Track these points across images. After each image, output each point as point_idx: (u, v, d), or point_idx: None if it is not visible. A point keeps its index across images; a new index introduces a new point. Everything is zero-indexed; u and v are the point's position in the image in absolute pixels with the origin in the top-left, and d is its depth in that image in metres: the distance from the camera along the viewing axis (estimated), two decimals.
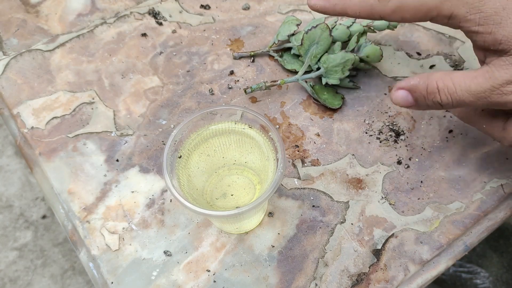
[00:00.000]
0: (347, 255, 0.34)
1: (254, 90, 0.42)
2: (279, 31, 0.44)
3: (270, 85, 0.42)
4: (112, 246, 0.35)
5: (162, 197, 0.37)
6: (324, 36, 0.40)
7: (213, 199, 0.33)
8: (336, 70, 0.40)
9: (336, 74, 0.41)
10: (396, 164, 0.39)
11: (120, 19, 0.48)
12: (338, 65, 0.40)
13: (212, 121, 0.32)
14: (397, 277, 0.34)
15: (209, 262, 0.34)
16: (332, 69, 0.40)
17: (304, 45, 0.41)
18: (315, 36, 0.41)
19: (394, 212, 0.36)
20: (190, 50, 0.46)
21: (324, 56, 0.41)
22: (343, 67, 0.40)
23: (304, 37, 0.41)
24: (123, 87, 0.43)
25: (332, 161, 0.39)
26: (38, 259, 1.05)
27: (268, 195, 0.28)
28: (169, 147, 0.30)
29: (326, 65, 0.41)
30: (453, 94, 0.29)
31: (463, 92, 0.29)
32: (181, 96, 0.43)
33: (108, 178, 0.38)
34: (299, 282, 0.33)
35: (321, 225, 0.36)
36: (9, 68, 0.44)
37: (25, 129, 0.41)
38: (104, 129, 0.41)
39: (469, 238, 0.35)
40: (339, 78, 0.41)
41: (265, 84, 0.42)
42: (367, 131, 0.41)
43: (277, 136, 0.30)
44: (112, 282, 0.33)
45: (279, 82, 0.42)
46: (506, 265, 0.72)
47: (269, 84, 0.42)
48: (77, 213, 0.36)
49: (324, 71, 0.41)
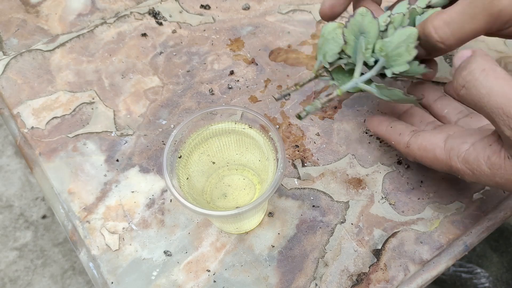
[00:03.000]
0: (347, 255, 0.34)
1: (309, 112, 0.35)
2: (325, 50, 0.35)
3: (326, 101, 0.34)
4: (112, 246, 0.35)
5: (162, 197, 0.37)
6: (368, 21, 0.33)
7: (213, 199, 0.33)
8: (399, 53, 0.32)
9: (401, 57, 0.32)
10: (396, 164, 0.39)
11: (120, 19, 0.48)
12: (399, 45, 0.32)
13: (212, 121, 0.32)
14: (397, 277, 0.34)
15: (209, 262, 0.34)
16: (394, 54, 0.32)
17: (349, 42, 0.34)
18: (358, 25, 0.33)
19: (394, 212, 0.36)
20: (190, 50, 0.46)
21: (378, 43, 0.33)
22: (407, 46, 0.32)
23: (345, 31, 0.34)
24: (123, 87, 0.43)
25: (332, 161, 0.39)
26: (38, 259, 1.05)
27: (268, 195, 0.28)
28: (169, 147, 0.30)
29: (384, 52, 0.33)
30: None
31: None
32: (181, 96, 0.43)
33: (108, 178, 0.38)
34: (299, 282, 0.33)
35: (321, 225, 0.36)
36: (9, 68, 0.44)
37: (25, 129, 0.41)
38: (104, 129, 0.41)
39: (469, 238, 0.35)
40: (407, 62, 0.32)
41: (320, 101, 0.34)
42: (367, 131, 0.41)
43: (277, 136, 0.30)
44: (112, 282, 0.33)
45: (336, 93, 0.34)
46: (506, 265, 0.72)
47: (324, 101, 0.34)
48: (77, 213, 0.36)
49: (384, 61, 0.33)
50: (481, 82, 0.26)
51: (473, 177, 0.29)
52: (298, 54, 0.46)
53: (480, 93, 0.26)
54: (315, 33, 0.48)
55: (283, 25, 0.48)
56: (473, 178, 0.29)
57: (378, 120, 0.36)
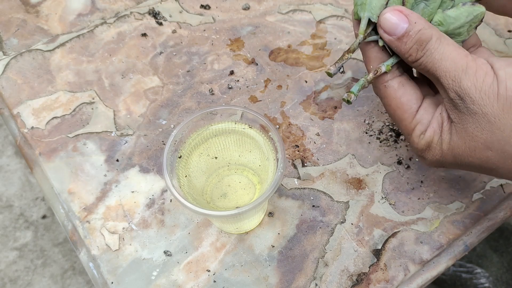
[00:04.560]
0: (347, 255, 0.34)
1: (357, 94, 0.31)
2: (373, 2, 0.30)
3: (372, 78, 0.31)
4: (112, 246, 0.35)
5: (162, 197, 0.37)
6: None
7: (213, 199, 0.33)
8: (460, 32, 0.30)
9: (460, 36, 0.30)
10: (396, 164, 0.39)
11: (120, 19, 0.48)
12: (463, 24, 0.29)
13: (212, 121, 0.32)
14: (397, 277, 0.34)
15: (209, 262, 0.34)
16: (455, 32, 0.30)
17: (407, 6, 0.30)
18: None
19: (394, 212, 0.36)
20: (190, 50, 0.46)
21: (439, 15, 0.30)
22: (469, 26, 0.30)
23: None
24: (123, 87, 0.43)
25: (332, 161, 0.39)
26: (38, 259, 1.05)
27: (268, 195, 0.28)
28: (169, 147, 0.30)
29: (445, 28, 0.30)
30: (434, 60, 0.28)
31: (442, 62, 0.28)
32: (181, 96, 0.43)
33: (108, 178, 0.38)
34: (299, 282, 0.33)
35: (321, 225, 0.36)
36: (9, 68, 0.44)
37: (25, 129, 0.41)
38: (104, 129, 0.41)
39: (469, 238, 0.35)
40: (462, 41, 0.31)
41: (366, 79, 0.31)
42: (367, 131, 0.41)
43: (277, 136, 0.30)
44: (112, 282, 0.33)
45: (385, 69, 0.30)
46: (506, 265, 0.72)
47: (371, 78, 0.31)
48: (77, 213, 0.36)
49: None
50: (436, 49, 0.28)
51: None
52: (298, 54, 0.46)
53: (434, 58, 0.28)
54: (315, 33, 0.48)
55: (283, 25, 0.48)
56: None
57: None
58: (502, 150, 0.26)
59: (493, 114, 0.26)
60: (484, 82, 0.26)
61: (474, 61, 0.27)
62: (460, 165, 0.29)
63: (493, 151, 0.27)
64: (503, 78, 0.26)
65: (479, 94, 0.26)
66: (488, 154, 0.27)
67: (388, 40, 0.29)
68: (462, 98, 0.27)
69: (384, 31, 0.29)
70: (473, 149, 0.27)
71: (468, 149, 0.28)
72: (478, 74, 0.26)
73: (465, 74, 0.27)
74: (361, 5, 0.30)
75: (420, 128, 0.30)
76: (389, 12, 0.29)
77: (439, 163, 0.30)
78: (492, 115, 0.26)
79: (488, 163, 0.28)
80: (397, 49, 0.29)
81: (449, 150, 0.29)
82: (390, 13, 0.29)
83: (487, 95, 0.26)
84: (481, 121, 0.26)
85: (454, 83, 0.27)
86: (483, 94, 0.26)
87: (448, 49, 0.28)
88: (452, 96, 0.27)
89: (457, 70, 0.27)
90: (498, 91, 0.26)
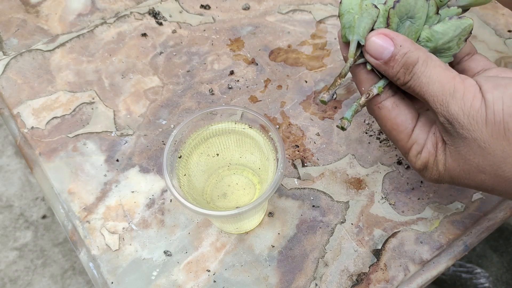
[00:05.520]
0: (347, 255, 0.34)
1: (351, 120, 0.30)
2: (361, 25, 0.29)
3: (365, 102, 0.30)
4: (112, 246, 0.35)
5: (162, 197, 0.37)
6: (421, 5, 0.28)
7: (213, 199, 0.33)
8: (449, 47, 0.29)
9: (450, 50, 0.30)
10: (396, 164, 0.39)
11: (120, 19, 0.48)
12: (452, 39, 0.29)
13: (212, 121, 0.32)
14: (397, 277, 0.34)
15: (209, 262, 0.34)
16: (444, 47, 0.29)
17: (392, 25, 0.29)
18: (409, 8, 0.28)
19: (394, 212, 0.36)
20: (190, 50, 0.46)
21: (426, 31, 0.29)
22: (458, 40, 0.29)
23: (391, 14, 0.28)
24: (123, 87, 0.43)
25: (332, 161, 0.39)
26: (38, 259, 1.05)
27: (268, 195, 0.28)
28: (169, 147, 0.30)
29: (434, 43, 0.29)
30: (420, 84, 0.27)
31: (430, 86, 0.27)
32: (181, 96, 0.43)
33: (108, 178, 0.38)
34: (299, 282, 0.33)
35: (321, 225, 0.36)
36: (9, 68, 0.44)
37: (25, 129, 0.41)
38: (104, 129, 0.41)
39: (469, 238, 0.35)
40: (453, 55, 0.30)
41: (359, 103, 0.30)
42: (367, 131, 0.41)
43: (277, 136, 0.30)
44: (112, 282, 0.33)
45: (377, 91, 0.29)
46: (506, 265, 0.72)
47: (363, 101, 0.30)
48: (77, 213, 0.36)
49: (431, 52, 0.29)
50: (423, 72, 0.27)
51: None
52: (298, 54, 0.46)
53: (422, 82, 0.27)
54: (315, 33, 0.48)
55: (283, 25, 0.48)
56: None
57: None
58: (495, 174, 0.26)
59: (483, 139, 0.25)
60: (472, 107, 0.25)
61: (462, 83, 0.26)
62: (458, 184, 0.29)
63: (486, 175, 0.27)
64: (491, 103, 0.25)
65: (467, 119, 0.25)
66: (482, 177, 0.27)
67: (376, 64, 0.29)
68: (451, 123, 0.26)
69: (370, 55, 0.29)
70: (467, 172, 0.27)
71: (462, 171, 0.27)
72: (466, 97, 0.26)
73: (453, 98, 0.26)
74: (349, 28, 0.30)
75: (417, 148, 0.29)
76: (374, 36, 0.28)
77: (438, 181, 0.30)
78: (482, 141, 0.25)
79: (484, 185, 0.27)
80: (385, 72, 0.29)
81: (445, 172, 0.28)
82: (375, 37, 0.28)
83: (475, 120, 0.25)
84: (472, 146, 0.26)
85: (442, 107, 0.26)
86: (471, 120, 0.25)
87: (435, 71, 0.27)
88: (442, 120, 0.27)
89: (444, 94, 0.26)
90: (486, 116, 0.25)
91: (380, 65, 0.28)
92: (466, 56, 0.31)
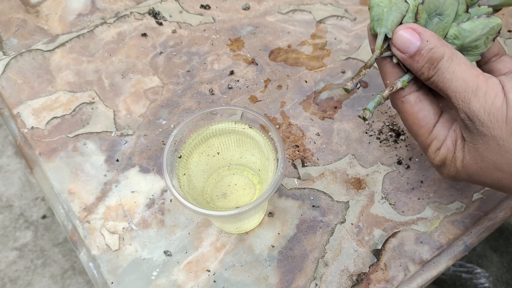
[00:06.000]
0: (347, 255, 0.34)
1: (373, 111, 0.31)
2: (390, 18, 0.29)
3: (388, 95, 0.31)
4: (112, 246, 0.35)
5: (162, 197, 0.37)
6: (450, 2, 0.29)
7: (213, 199, 0.33)
8: (477, 45, 0.30)
9: (477, 49, 0.30)
10: (396, 164, 0.39)
11: (120, 19, 0.48)
12: (479, 37, 0.29)
13: (212, 121, 0.32)
14: (397, 277, 0.34)
15: (209, 262, 0.34)
16: (471, 45, 0.30)
17: (420, 20, 0.29)
18: (438, 5, 0.29)
19: (394, 212, 0.36)
20: (190, 50, 0.46)
21: (454, 28, 0.30)
22: (486, 39, 0.29)
23: (420, 9, 0.29)
24: (123, 87, 0.43)
25: (332, 161, 0.39)
26: (38, 259, 1.05)
27: (268, 195, 0.28)
28: (169, 147, 0.30)
29: (461, 41, 0.30)
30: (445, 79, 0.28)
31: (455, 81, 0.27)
32: (181, 96, 0.43)
33: (108, 178, 0.38)
34: (299, 282, 0.33)
35: (321, 225, 0.36)
36: (9, 68, 0.44)
37: (25, 129, 0.41)
38: (104, 129, 0.41)
39: (469, 238, 0.35)
40: (480, 54, 0.30)
41: (382, 96, 0.31)
42: (367, 131, 0.41)
43: (277, 136, 0.30)
44: (112, 282, 0.33)
45: (401, 85, 0.30)
46: (506, 265, 0.72)
47: (387, 94, 0.31)
48: (77, 213, 0.36)
49: (458, 49, 0.30)
50: (447, 68, 0.27)
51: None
52: (298, 54, 0.46)
53: (445, 77, 0.27)
54: (315, 33, 0.48)
55: (283, 25, 0.48)
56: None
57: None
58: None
59: (502, 137, 0.26)
60: (493, 105, 0.26)
61: (486, 81, 0.27)
62: (475, 182, 0.29)
63: (503, 173, 0.27)
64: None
65: (488, 117, 0.26)
66: (498, 175, 0.27)
67: (401, 58, 0.29)
68: (472, 120, 0.27)
69: (397, 48, 0.29)
70: (484, 169, 0.27)
71: (480, 169, 0.28)
72: (488, 95, 0.26)
73: (475, 96, 0.26)
74: (378, 21, 0.30)
75: (436, 144, 0.30)
76: (402, 30, 0.29)
77: (455, 178, 0.30)
78: (501, 138, 0.26)
79: (500, 183, 0.28)
80: (410, 66, 0.29)
81: (463, 168, 0.29)
82: (403, 31, 0.29)
83: (496, 118, 0.26)
84: (490, 143, 0.26)
85: (464, 104, 0.27)
86: (492, 117, 0.26)
87: (460, 68, 0.27)
88: (463, 116, 0.27)
89: (467, 91, 0.27)
90: (506, 115, 0.26)
91: (406, 59, 0.29)
92: (494, 56, 0.31)
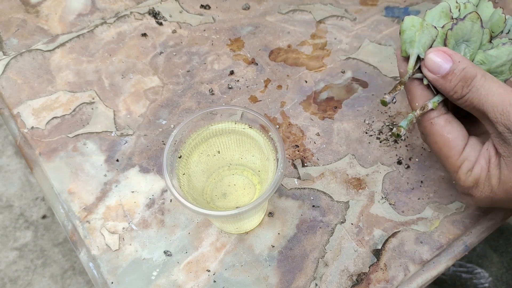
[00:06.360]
0: (347, 255, 0.34)
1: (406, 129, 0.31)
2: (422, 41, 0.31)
3: (420, 114, 0.31)
4: (112, 246, 0.35)
5: (162, 197, 0.37)
6: (476, 30, 0.30)
7: (213, 199, 0.33)
8: (502, 71, 0.31)
9: (502, 75, 0.31)
10: (396, 164, 0.39)
11: (120, 19, 0.48)
12: (505, 63, 0.31)
13: (212, 121, 0.32)
14: (397, 277, 0.34)
15: (209, 262, 0.34)
16: (497, 70, 0.31)
17: (449, 47, 0.31)
18: (465, 32, 0.31)
19: (394, 212, 0.36)
20: (190, 50, 0.46)
21: (480, 55, 0.31)
22: (511, 65, 0.31)
23: (449, 35, 0.30)
24: (123, 87, 0.43)
25: (332, 161, 0.39)
26: (38, 259, 1.05)
27: (268, 195, 0.28)
28: (169, 147, 0.30)
29: (487, 66, 0.31)
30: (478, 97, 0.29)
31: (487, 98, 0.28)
32: (181, 96, 0.43)
33: (108, 178, 0.38)
34: (299, 282, 0.33)
35: (321, 225, 0.36)
36: (9, 68, 0.44)
37: (25, 129, 0.41)
38: (104, 129, 0.41)
39: (469, 238, 0.35)
40: (504, 80, 0.32)
41: (414, 115, 0.31)
42: (367, 131, 0.41)
43: (277, 136, 0.30)
44: (112, 282, 0.33)
45: (431, 106, 0.31)
46: (506, 265, 0.72)
47: (419, 114, 0.31)
48: (77, 213, 0.36)
49: None
50: (482, 85, 0.29)
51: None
52: (298, 54, 0.46)
53: (480, 94, 0.28)
54: (315, 33, 0.48)
55: (283, 25, 0.48)
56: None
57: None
58: None
59: None
60: None
61: None
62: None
63: None
64: None
65: None
66: None
67: (433, 79, 0.30)
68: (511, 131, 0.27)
69: (428, 70, 0.30)
70: None
71: None
72: None
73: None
74: (410, 43, 0.31)
75: (467, 165, 0.30)
76: (433, 52, 0.30)
77: (489, 199, 0.30)
78: None
79: None
80: (442, 86, 0.30)
81: (500, 185, 0.29)
82: (434, 53, 0.30)
83: None
84: None
85: (503, 116, 0.27)
86: None
87: (494, 85, 0.28)
88: (501, 129, 0.28)
89: (504, 104, 0.27)
90: None
91: (438, 80, 0.30)
92: None
